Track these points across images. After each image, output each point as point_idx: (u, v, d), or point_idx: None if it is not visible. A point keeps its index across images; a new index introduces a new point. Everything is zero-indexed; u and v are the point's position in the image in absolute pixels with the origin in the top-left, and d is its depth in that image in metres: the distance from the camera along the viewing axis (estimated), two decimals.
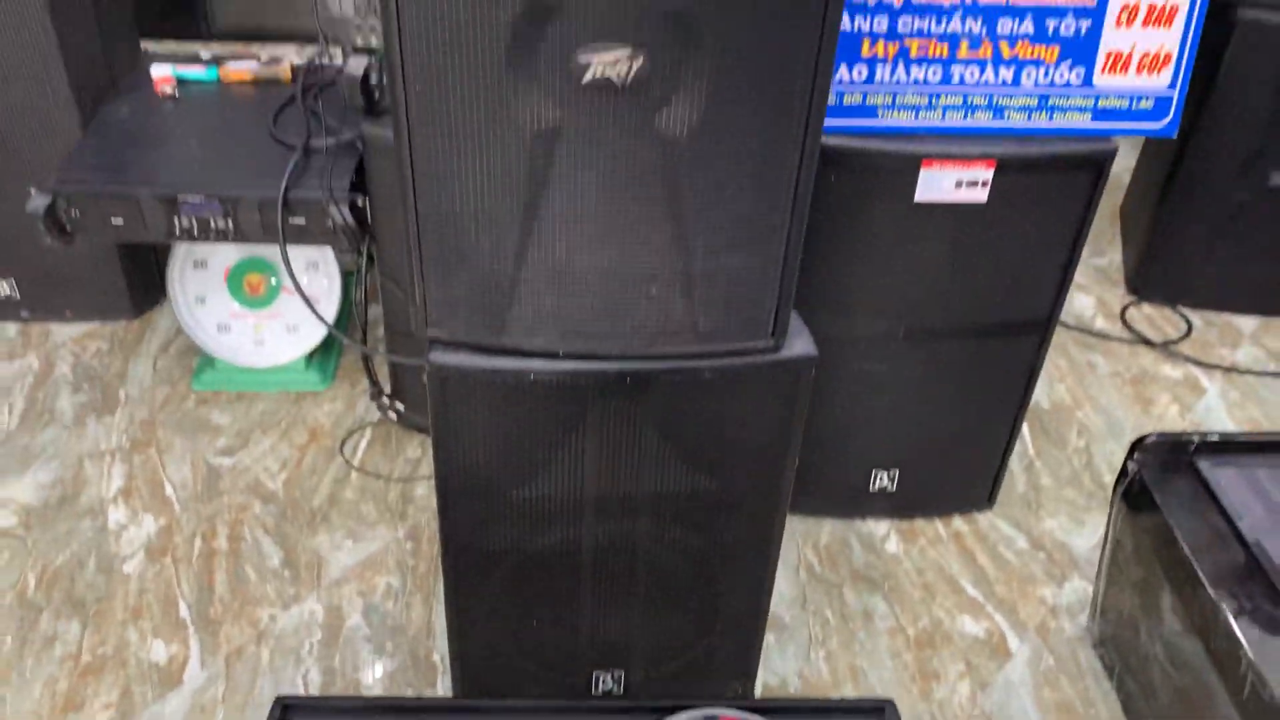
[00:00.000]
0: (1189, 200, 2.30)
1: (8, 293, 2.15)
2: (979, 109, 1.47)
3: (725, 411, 1.31)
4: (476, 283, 1.19)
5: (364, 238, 1.74)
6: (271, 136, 1.83)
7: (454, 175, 1.12)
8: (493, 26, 1.01)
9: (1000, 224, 1.54)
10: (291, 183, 1.71)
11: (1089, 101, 1.48)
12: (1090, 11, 1.42)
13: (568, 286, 1.18)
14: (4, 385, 2.07)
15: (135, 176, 1.75)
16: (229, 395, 2.08)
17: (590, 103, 1.05)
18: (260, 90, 1.99)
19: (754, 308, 1.23)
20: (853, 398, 1.73)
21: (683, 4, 0.99)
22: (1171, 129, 1.51)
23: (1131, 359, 2.30)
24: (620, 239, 1.14)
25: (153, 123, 1.89)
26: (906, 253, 1.57)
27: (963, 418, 1.79)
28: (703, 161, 1.09)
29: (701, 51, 1.02)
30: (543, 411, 1.28)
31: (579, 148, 1.09)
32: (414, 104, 1.08)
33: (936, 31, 1.41)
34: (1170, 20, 1.44)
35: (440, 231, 1.16)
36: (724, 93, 1.05)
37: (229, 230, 1.74)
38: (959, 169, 1.47)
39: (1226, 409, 2.17)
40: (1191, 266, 2.38)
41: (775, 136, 1.09)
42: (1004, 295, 1.63)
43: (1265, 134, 2.16)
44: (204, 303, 2.02)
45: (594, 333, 1.21)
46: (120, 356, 2.15)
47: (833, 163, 1.48)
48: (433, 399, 1.25)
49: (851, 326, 1.66)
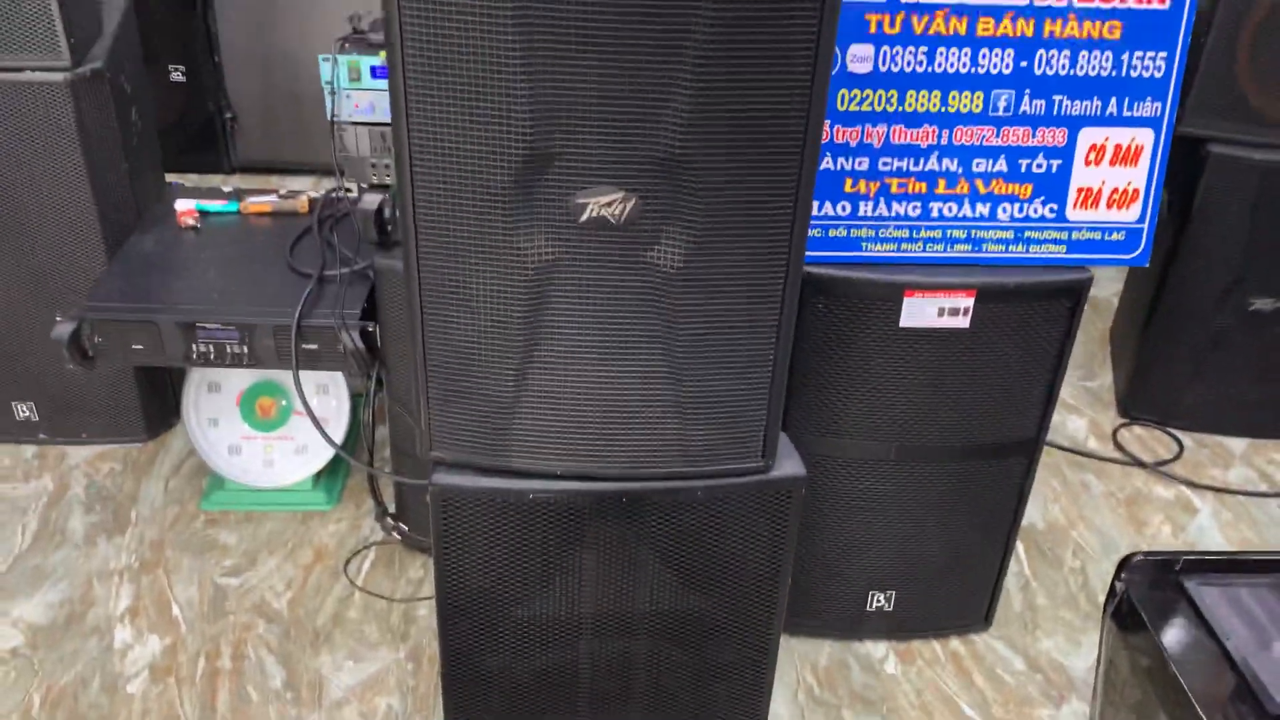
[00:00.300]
0: (1173, 325, 2.37)
1: (27, 415, 2.22)
2: (958, 241, 1.55)
3: (718, 530, 1.35)
4: (479, 406, 1.25)
5: (374, 363, 1.81)
6: (288, 266, 1.92)
7: (459, 305, 1.19)
8: (498, 170, 1.10)
9: (983, 349, 1.61)
10: (306, 310, 1.78)
11: (1063, 234, 1.56)
12: (1060, 151, 1.51)
13: (565, 410, 1.24)
14: (19, 506, 2.12)
15: (156, 304, 1.83)
16: (237, 515, 2.12)
17: (587, 239, 1.13)
18: (278, 222, 2.09)
19: (744, 429, 1.28)
20: (847, 518, 1.77)
21: (671, 151, 1.08)
22: (1143, 259, 1.59)
23: (1124, 479, 2.34)
24: (615, 365, 1.21)
25: (175, 253, 1.99)
26: (894, 376, 1.63)
27: (956, 538, 1.82)
28: (692, 292, 1.17)
29: (689, 193, 1.11)
30: (541, 530, 1.32)
31: (576, 280, 1.16)
32: (423, 238, 1.16)
33: (915, 170, 1.50)
34: (1136, 159, 1.53)
35: (446, 357, 1.23)
36: (710, 230, 1.13)
37: (244, 355, 1.81)
38: (941, 298, 1.55)
39: (1219, 529, 2.20)
40: (1180, 389, 2.44)
41: (760, 269, 1.16)
42: (991, 417, 1.69)
43: (1242, 261, 2.24)
44: (217, 425, 2.08)
45: (591, 454, 1.27)
46: (133, 477, 2.20)
47: (821, 291, 1.55)
48: (435, 518, 1.30)
49: (843, 448, 1.70)
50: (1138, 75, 1.48)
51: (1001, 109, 1.48)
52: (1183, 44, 1.47)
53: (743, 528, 1.36)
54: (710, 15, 1.01)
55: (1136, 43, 1.46)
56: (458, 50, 1.03)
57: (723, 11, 1.02)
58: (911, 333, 1.58)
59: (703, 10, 1.01)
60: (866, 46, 1.43)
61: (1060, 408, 2.54)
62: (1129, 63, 1.47)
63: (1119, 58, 1.47)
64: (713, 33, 1.02)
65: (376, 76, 1.62)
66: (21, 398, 2.20)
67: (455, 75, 1.05)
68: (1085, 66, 1.47)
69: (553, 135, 1.08)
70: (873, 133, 1.48)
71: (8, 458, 2.23)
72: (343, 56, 1.62)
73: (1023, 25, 1.44)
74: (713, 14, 1.01)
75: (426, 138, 1.09)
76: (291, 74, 3.19)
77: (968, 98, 1.47)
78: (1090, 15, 1.44)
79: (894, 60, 1.44)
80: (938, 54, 1.44)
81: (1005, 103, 1.47)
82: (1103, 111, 1.49)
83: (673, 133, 1.07)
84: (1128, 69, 1.47)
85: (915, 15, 1.42)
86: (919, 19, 1.42)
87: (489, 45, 1.03)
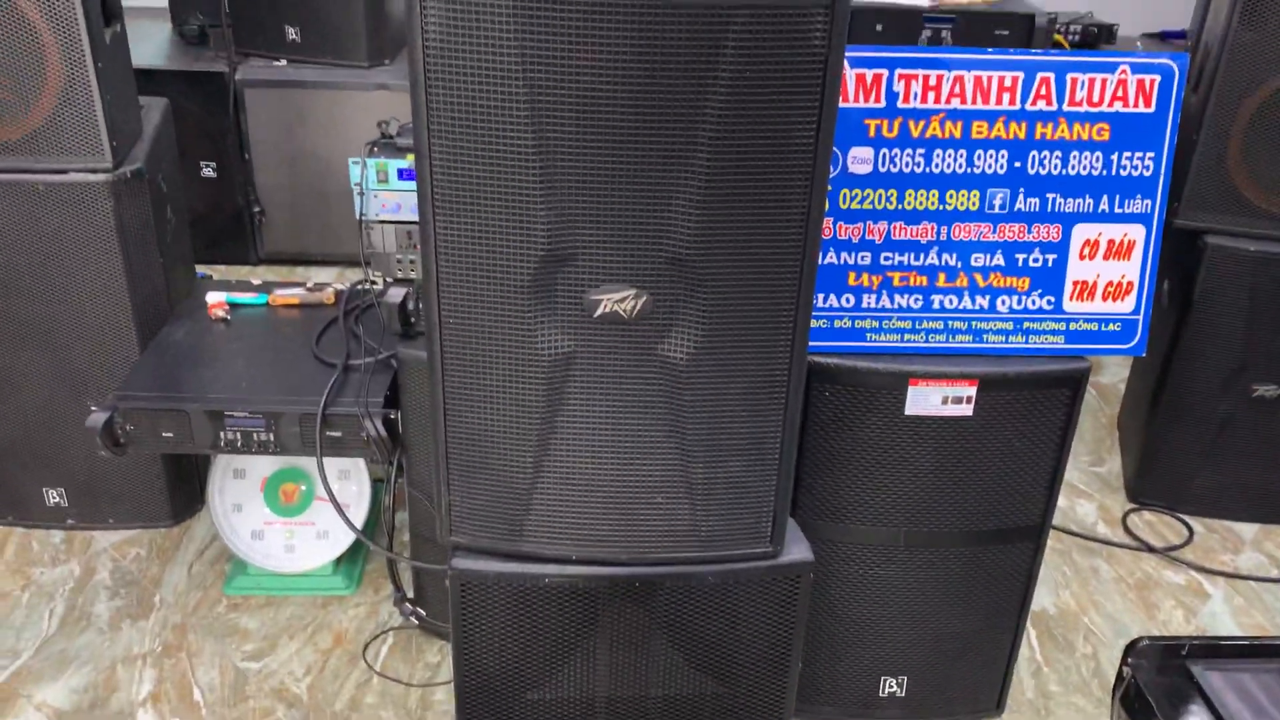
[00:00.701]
0: (1178, 412, 2.41)
1: (57, 501, 2.28)
2: (959, 332, 1.61)
3: (729, 614, 1.39)
4: (497, 492, 1.30)
5: (395, 449, 1.87)
6: (314, 356, 1.99)
7: (479, 394, 1.26)
8: (517, 269, 1.17)
9: (988, 436, 1.65)
10: (331, 398, 1.85)
11: (1061, 325, 1.62)
12: (1055, 246, 1.58)
13: (580, 496, 1.29)
14: (46, 590, 2.16)
15: (186, 393, 1.90)
16: (259, 599, 2.16)
17: (601, 333, 1.20)
18: (305, 313, 2.16)
19: (753, 515, 1.33)
20: (858, 603, 1.80)
21: (679, 251, 1.15)
22: (1140, 348, 1.64)
23: (1135, 565, 2.35)
24: (628, 452, 1.26)
25: (205, 344, 2.06)
26: (901, 462, 1.67)
27: (967, 622, 1.84)
28: (701, 383, 1.22)
29: (696, 290, 1.17)
30: (557, 614, 1.36)
31: (591, 372, 1.22)
32: (447, 331, 1.23)
33: (916, 264, 1.57)
34: (1129, 254, 1.59)
35: (466, 444, 1.29)
36: (717, 324, 1.19)
37: (270, 443, 1.88)
38: (944, 386, 1.60)
39: (1231, 614, 2.21)
40: (1187, 475, 2.47)
41: (765, 360, 1.22)
42: (997, 502, 1.72)
43: (1243, 349, 2.29)
44: (241, 510, 2.13)
45: (605, 539, 1.31)
46: (158, 562, 2.25)
47: (827, 380, 1.61)
48: (454, 601, 1.34)
49: (853, 533, 1.74)
50: (1127, 174, 1.55)
51: (997, 206, 1.55)
52: (1169, 144, 1.54)
53: (753, 612, 1.40)
54: (714, 126, 1.09)
55: (1125, 144, 1.53)
56: (481, 160, 1.11)
57: (726, 122, 1.09)
58: (917, 420, 1.63)
59: (707, 121, 1.09)
60: (866, 149, 1.51)
61: (1070, 493, 2.57)
62: (1118, 163, 1.54)
63: (1108, 158, 1.54)
64: (717, 141, 1.10)
65: (403, 178, 1.70)
66: (53, 483, 2.26)
67: (478, 182, 1.13)
68: (1076, 166, 1.54)
69: (568, 237, 1.15)
70: (874, 229, 1.55)
71: (36, 543, 2.29)
72: (371, 160, 1.71)
73: (1015, 128, 1.52)
74: (716, 124, 1.09)
75: (452, 238, 1.16)
76: (317, 171, 3.31)
77: (964, 196, 1.54)
78: (1079, 118, 1.52)
79: (893, 161, 1.51)
80: (934, 155, 1.52)
81: (1001, 201, 1.55)
82: (1095, 209, 1.56)
83: (680, 234, 1.14)
84: (1117, 168, 1.54)
85: (912, 120, 1.50)
86: (916, 123, 1.50)
87: (510, 157, 1.11)
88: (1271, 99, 2.12)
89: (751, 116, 1.10)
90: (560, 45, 1.06)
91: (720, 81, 1.08)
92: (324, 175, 3.31)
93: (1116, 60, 1.50)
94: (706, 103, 1.08)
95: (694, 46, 1.06)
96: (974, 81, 1.49)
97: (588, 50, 1.06)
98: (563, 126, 1.09)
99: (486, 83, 1.08)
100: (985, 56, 1.48)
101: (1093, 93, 1.51)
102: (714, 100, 1.08)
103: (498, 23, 1.05)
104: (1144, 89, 1.51)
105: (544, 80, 1.07)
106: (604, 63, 1.06)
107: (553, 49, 1.06)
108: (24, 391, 2.16)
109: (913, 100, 1.49)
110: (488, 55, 1.07)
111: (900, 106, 1.49)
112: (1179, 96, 1.52)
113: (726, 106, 1.09)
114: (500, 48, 1.06)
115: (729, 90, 1.08)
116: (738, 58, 1.07)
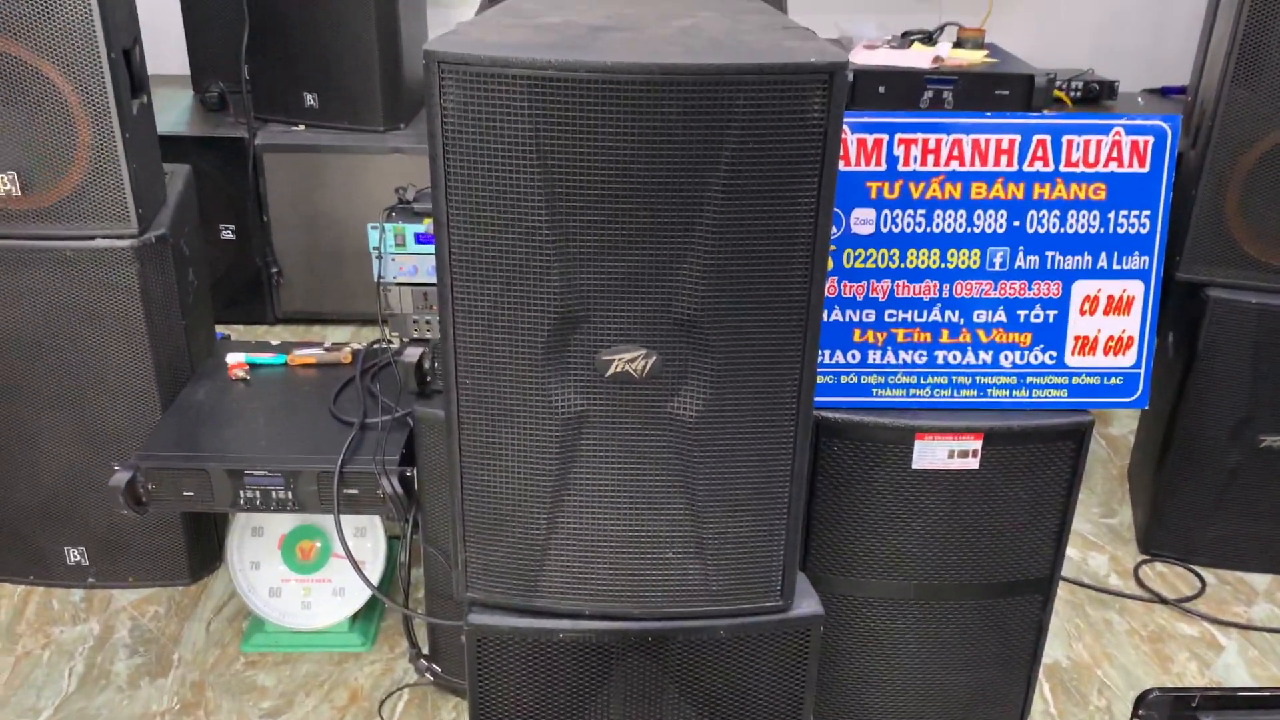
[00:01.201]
0: (1187, 463, 2.42)
1: (78, 559, 2.31)
2: (964, 387, 1.64)
3: (741, 668, 1.41)
4: (511, 548, 1.33)
5: (411, 506, 1.90)
6: (332, 414, 2.03)
7: (495, 451, 1.29)
8: (531, 330, 1.21)
9: (994, 488, 1.68)
10: (348, 456, 1.89)
11: (1064, 379, 1.65)
12: (1056, 302, 1.61)
13: (592, 551, 1.32)
14: (66, 649, 2.19)
15: (206, 452, 1.94)
16: (276, 657, 2.18)
17: (612, 392, 1.24)
18: (323, 373, 2.21)
19: (763, 569, 1.35)
20: (871, 657, 1.81)
21: (688, 313, 1.19)
22: (1142, 401, 1.67)
23: (1147, 616, 2.35)
24: (639, 508, 1.29)
25: (225, 403, 2.11)
26: (910, 516, 1.69)
27: (980, 675, 1.85)
28: (710, 440, 1.26)
29: (704, 350, 1.21)
30: (571, 668, 1.38)
31: (603, 430, 1.26)
32: (464, 391, 1.27)
33: (919, 321, 1.61)
34: (1129, 309, 1.63)
35: (481, 501, 1.32)
36: (726, 382, 1.23)
37: (288, 501, 1.91)
38: (950, 440, 1.63)
39: (1246, 666, 2.21)
40: (1199, 526, 2.47)
41: (772, 417, 1.26)
42: (1005, 555, 1.74)
43: (1249, 400, 2.31)
44: (258, 568, 2.16)
45: (616, 594, 1.34)
46: (176, 620, 2.28)
47: (835, 434, 1.64)
48: (470, 656, 1.36)
49: (863, 587, 1.76)
50: (1124, 232, 1.59)
51: (998, 264, 1.59)
52: (1164, 202, 1.58)
53: (764, 665, 1.41)
54: (719, 193, 1.14)
55: (1121, 202, 1.58)
56: (497, 228, 1.16)
57: (730, 189, 1.14)
58: (924, 474, 1.65)
59: (713, 188, 1.14)
60: (868, 210, 1.55)
61: (1082, 545, 2.58)
62: (1115, 220, 1.58)
63: (1105, 216, 1.58)
64: (722, 208, 1.15)
65: (420, 242, 1.76)
66: (74, 542, 2.30)
67: (494, 249, 1.17)
68: (1074, 225, 1.58)
69: (580, 300, 1.19)
70: (878, 287, 1.59)
71: (57, 601, 2.32)
72: (389, 224, 1.76)
73: (1013, 189, 1.56)
74: (721, 191, 1.14)
75: (469, 302, 1.21)
76: (333, 232, 3.38)
77: (965, 255, 1.58)
78: (1076, 179, 1.56)
79: (894, 222, 1.56)
80: (935, 216, 1.56)
81: (1001, 259, 1.59)
82: (1093, 265, 1.60)
83: (688, 296, 1.18)
84: (1114, 226, 1.59)
85: (913, 182, 1.54)
86: (916, 185, 1.55)
87: (524, 224, 1.16)
88: (1267, 155, 2.16)
89: (755, 183, 1.15)
90: (572, 118, 1.11)
91: (725, 151, 1.13)
92: (340, 236, 3.38)
93: (1110, 122, 1.55)
94: (712, 171, 1.13)
95: (699, 118, 1.11)
96: (972, 144, 1.54)
97: (598, 123, 1.11)
98: (575, 195, 1.14)
99: (502, 155, 1.13)
100: (982, 120, 1.53)
101: (1088, 153, 1.55)
102: (719, 169, 1.13)
103: (512, 98, 1.10)
104: (1138, 149, 1.56)
105: (557, 151, 1.12)
106: (614, 135, 1.11)
107: (565, 122, 1.11)
108: (48, 452, 2.21)
109: (913, 163, 1.54)
110: (503, 129, 1.12)
111: (901, 169, 1.54)
112: (1172, 156, 1.57)
113: (731, 174, 1.14)
114: (515, 121, 1.11)
115: (733, 159, 1.13)
116: (741, 128, 1.12)
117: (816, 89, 1.11)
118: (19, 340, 2.12)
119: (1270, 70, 2.11)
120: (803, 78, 1.11)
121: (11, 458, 2.22)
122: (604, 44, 1.15)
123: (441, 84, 1.11)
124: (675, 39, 1.19)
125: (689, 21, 1.30)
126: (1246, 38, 2.11)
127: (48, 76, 1.91)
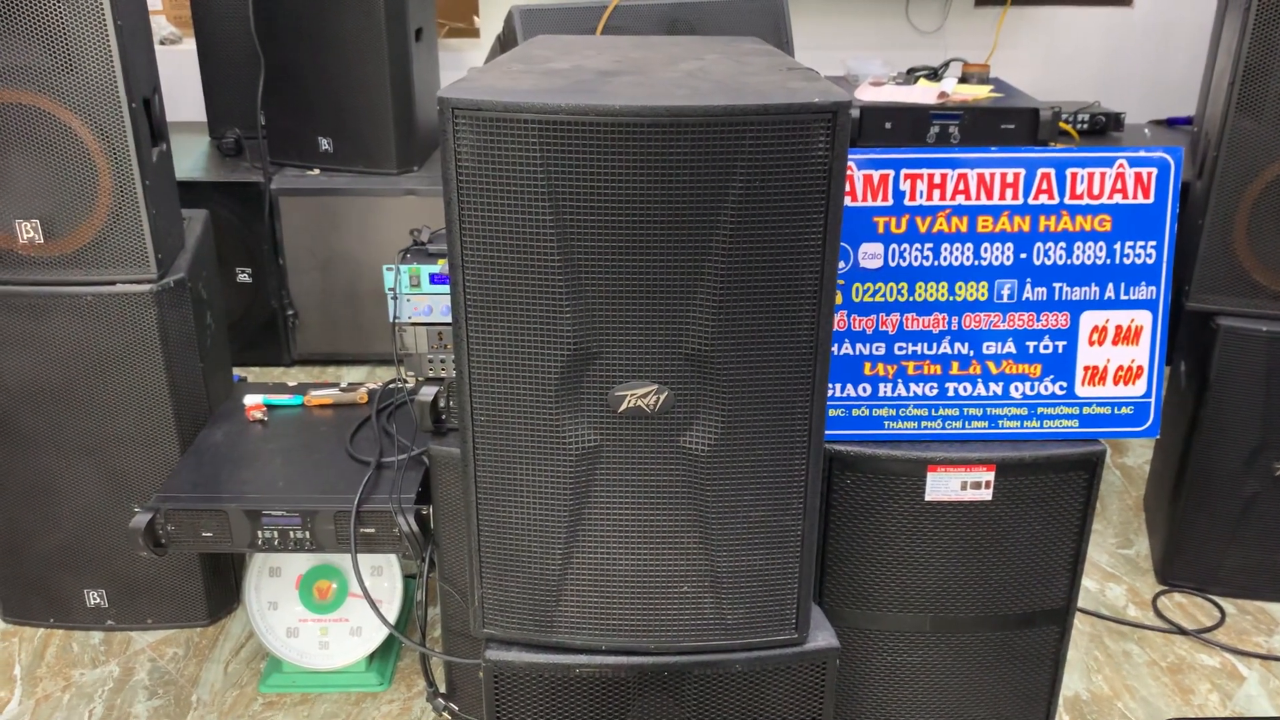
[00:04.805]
0: (1203, 493, 2.41)
1: (98, 602, 2.33)
2: (975, 419, 1.65)
3: (757, 701, 1.41)
4: (528, 584, 1.34)
5: (427, 544, 1.91)
6: (348, 454, 2.05)
7: (510, 488, 1.31)
8: (545, 367, 1.23)
9: (1007, 519, 1.68)
10: (364, 495, 1.90)
11: (1074, 409, 1.66)
12: (1064, 333, 1.63)
13: (608, 587, 1.33)
14: (86, 692, 2.20)
15: (225, 494, 1.96)
16: (294, 697, 2.19)
17: (625, 428, 1.25)
18: (339, 413, 2.23)
19: (777, 603, 1.36)
20: (887, 690, 1.81)
21: (699, 348, 1.21)
22: (1153, 430, 1.67)
23: (1167, 648, 2.34)
24: (653, 543, 1.30)
25: (243, 445, 2.13)
26: (924, 547, 1.70)
27: (998, 708, 1.84)
28: (722, 474, 1.27)
29: (715, 385, 1.23)
30: (587, 703, 1.39)
31: (616, 464, 1.27)
32: (479, 429, 1.28)
33: (929, 354, 1.62)
34: (1137, 339, 1.64)
35: (497, 537, 1.33)
36: (737, 416, 1.25)
37: (306, 541, 1.92)
38: (963, 472, 1.63)
39: (1268, 696, 2.19)
40: (1216, 556, 2.46)
41: (783, 451, 1.27)
42: (1020, 586, 1.74)
43: (1262, 428, 2.31)
44: (276, 608, 2.17)
45: (632, 629, 1.35)
46: (194, 661, 2.29)
47: (848, 467, 1.65)
48: (487, 692, 1.37)
49: (879, 619, 1.76)
50: (1130, 262, 1.60)
51: (1006, 296, 1.60)
52: (1170, 233, 1.60)
53: (780, 699, 1.42)
54: (727, 231, 1.16)
55: (1127, 233, 1.59)
56: (510, 268, 1.18)
57: (738, 226, 1.16)
58: (937, 506, 1.66)
59: (721, 227, 1.16)
60: (876, 245, 1.57)
61: (1099, 576, 2.57)
62: (1121, 251, 1.60)
63: (1111, 247, 1.60)
64: (730, 245, 1.17)
65: (434, 282, 1.78)
66: (94, 585, 2.31)
67: (508, 288, 1.20)
68: (1081, 256, 1.60)
69: (593, 337, 1.21)
70: (887, 320, 1.61)
71: (76, 644, 2.33)
72: (404, 266, 1.79)
73: (1020, 222, 1.58)
74: (730, 229, 1.16)
75: (484, 341, 1.23)
76: (348, 274, 3.42)
77: (973, 287, 1.60)
78: (1081, 211, 1.58)
79: (902, 256, 1.58)
80: (943, 249, 1.58)
81: (1009, 291, 1.60)
82: (1101, 296, 1.61)
83: (699, 332, 1.20)
84: (1120, 257, 1.60)
85: (919, 216, 1.57)
86: (923, 219, 1.57)
87: (537, 264, 1.18)
88: (1273, 184, 2.17)
89: (762, 220, 1.17)
90: (583, 160, 1.13)
91: (732, 190, 1.15)
92: (355, 278, 3.42)
93: (1114, 154, 1.57)
94: (720, 209, 1.16)
95: (707, 158, 1.14)
96: (978, 178, 1.56)
97: (609, 165, 1.13)
98: (586, 235, 1.16)
99: (514, 196, 1.16)
100: (987, 155, 1.56)
101: (1092, 186, 1.57)
102: (727, 207, 1.16)
103: (524, 141, 1.13)
104: (1142, 181, 1.57)
105: (568, 193, 1.15)
106: (624, 176, 1.14)
107: (576, 164, 1.14)
108: (68, 496, 2.23)
109: (919, 198, 1.56)
110: (515, 171, 1.15)
111: (908, 204, 1.56)
112: (1176, 187, 1.58)
113: (739, 212, 1.16)
114: (527, 164, 1.14)
115: (740, 197, 1.15)
116: (748, 167, 1.14)
117: (820, 128, 1.14)
118: (40, 385, 2.15)
119: (1274, 100, 2.13)
120: (807, 117, 1.13)
121: (32, 501, 2.24)
122: (613, 88, 1.18)
123: (456, 129, 1.14)
124: (682, 82, 1.22)
125: (695, 64, 1.33)
126: (1249, 69, 2.14)
127: (70, 126, 1.96)
